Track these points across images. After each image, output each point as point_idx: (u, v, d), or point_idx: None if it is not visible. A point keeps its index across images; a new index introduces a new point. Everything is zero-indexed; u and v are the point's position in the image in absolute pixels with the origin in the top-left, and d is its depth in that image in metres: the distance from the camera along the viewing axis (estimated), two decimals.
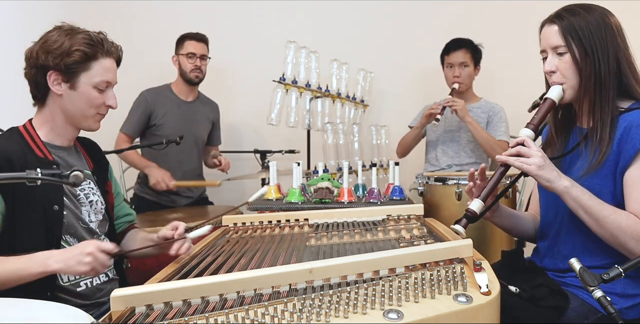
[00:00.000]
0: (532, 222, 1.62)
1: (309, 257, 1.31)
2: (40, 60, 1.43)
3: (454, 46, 2.88)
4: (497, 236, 2.32)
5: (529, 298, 1.30)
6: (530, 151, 1.33)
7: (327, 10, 3.52)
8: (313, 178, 2.35)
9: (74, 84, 1.46)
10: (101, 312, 1.48)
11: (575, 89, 1.39)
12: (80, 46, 1.43)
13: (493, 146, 2.72)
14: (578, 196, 1.30)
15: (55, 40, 1.43)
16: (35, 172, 1.09)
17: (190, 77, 2.92)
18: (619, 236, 1.27)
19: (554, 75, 1.40)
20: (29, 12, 2.95)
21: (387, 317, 0.89)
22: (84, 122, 1.52)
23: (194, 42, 2.93)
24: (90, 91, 1.47)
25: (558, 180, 1.31)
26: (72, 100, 1.47)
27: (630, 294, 1.35)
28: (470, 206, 1.38)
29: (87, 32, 1.47)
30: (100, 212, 1.59)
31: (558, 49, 1.38)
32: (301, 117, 2.83)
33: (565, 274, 1.43)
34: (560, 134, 1.52)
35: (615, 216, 1.28)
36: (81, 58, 1.44)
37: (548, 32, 1.41)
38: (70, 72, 1.44)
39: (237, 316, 0.91)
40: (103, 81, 1.48)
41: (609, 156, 1.34)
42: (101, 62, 1.47)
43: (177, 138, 2.58)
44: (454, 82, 2.85)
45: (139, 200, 2.95)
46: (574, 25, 1.36)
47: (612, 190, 1.34)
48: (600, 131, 1.35)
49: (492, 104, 2.91)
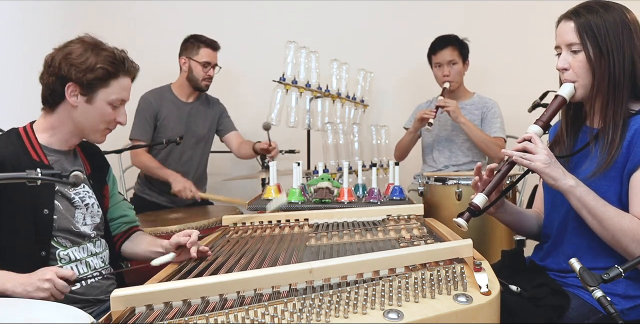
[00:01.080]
0: (536, 219, 1.61)
1: (309, 257, 1.31)
2: (63, 72, 1.45)
3: (439, 45, 2.85)
4: (497, 236, 2.32)
5: (530, 297, 1.30)
6: (536, 148, 1.32)
7: (327, 10, 3.52)
8: (313, 178, 2.35)
9: (91, 98, 1.49)
10: (101, 310, 1.48)
11: (587, 88, 1.37)
12: (104, 64, 1.46)
13: (489, 144, 2.70)
14: (582, 196, 1.29)
15: (80, 55, 1.46)
16: (35, 173, 1.09)
17: (200, 86, 2.91)
18: (620, 238, 1.26)
19: (566, 72, 1.38)
20: (29, 12, 2.95)
21: (387, 317, 0.89)
22: (91, 135, 1.56)
23: (210, 51, 2.89)
24: (105, 107, 1.51)
25: (563, 179, 1.30)
26: (85, 113, 1.50)
27: (632, 296, 1.34)
28: (473, 200, 1.37)
29: (111, 50, 1.50)
30: (97, 215, 1.59)
31: (572, 46, 1.36)
32: (301, 117, 2.82)
33: (567, 274, 1.42)
34: (569, 132, 1.50)
35: (618, 218, 1.27)
36: (103, 75, 1.47)
37: (564, 28, 1.38)
38: (90, 87, 1.47)
39: (237, 316, 0.91)
40: (119, 99, 1.52)
41: (617, 158, 1.32)
42: (120, 81, 1.51)
43: (177, 138, 2.58)
44: (444, 82, 2.83)
45: (139, 200, 2.95)
46: (590, 23, 1.33)
47: (619, 192, 1.33)
48: (612, 133, 1.33)
49: (485, 99, 2.88)
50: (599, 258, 1.36)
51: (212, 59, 2.90)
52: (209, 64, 2.89)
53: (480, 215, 1.39)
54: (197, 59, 2.87)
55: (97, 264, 1.56)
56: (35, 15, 2.98)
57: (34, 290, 1.25)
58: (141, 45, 3.27)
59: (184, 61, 2.91)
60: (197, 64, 2.87)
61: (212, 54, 2.90)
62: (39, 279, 1.26)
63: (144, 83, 2.99)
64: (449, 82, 2.82)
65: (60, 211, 1.48)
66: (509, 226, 1.62)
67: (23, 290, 1.25)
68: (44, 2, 3.04)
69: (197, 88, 2.92)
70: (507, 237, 2.33)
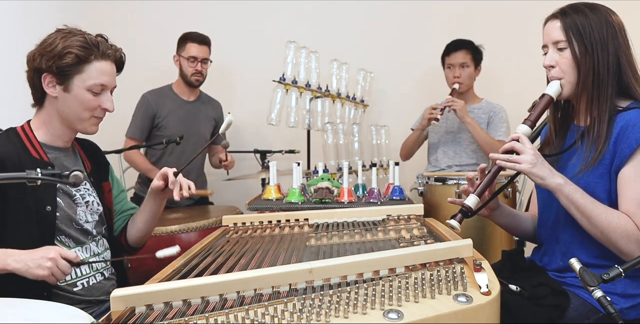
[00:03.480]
0: (532, 221, 1.62)
1: (309, 257, 1.31)
2: (36, 63, 1.43)
3: (454, 47, 2.89)
4: (497, 236, 2.32)
5: (530, 297, 1.30)
6: (523, 148, 1.34)
7: (327, 10, 3.52)
8: (313, 178, 2.35)
9: (68, 86, 1.45)
10: (101, 310, 1.49)
11: (573, 84, 1.40)
12: (73, 49, 1.42)
13: (492, 146, 2.72)
14: (570, 194, 1.31)
15: (51, 43, 1.42)
16: (35, 172, 1.09)
17: (190, 81, 2.92)
18: (609, 235, 1.28)
19: (553, 70, 1.42)
20: (29, 12, 2.95)
21: (387, 317, 0.89)
22: (79, 124, 1.51)
23: (195, 45, 2.89)
24: (84, 94, 1.46)
25: (551, 177, 1.32)
26: (66, 102, 1.47)
27: (631, 294, 1.35)
28: (465, 202, 1.38)
29: (83, 35, 1.45)
30: (97, 213, 1.59)
31: (559, 44, 1.40)
32: (301, 117, 2.83)
33: (564, 273, 1.43)
34: (558, 132, 1.52)
35: (606, 215, 1.29)
36: (73, 61, 1.42)
37: (550, 27, 1.42)
38: (63, 74, 1.43)
39: (237, 316, 0.90)
40: (97, 84, 1.46)
41: (605, 155, 1.34)
42: (95, 65, 1.45)
43: (177, 138, 2.58)
44: (454, 83, 2.86)
45: (139, 200, 2.93)
46: (576, 22, 1.37)
47: (608, 189, 1.35)
48: (597, 129, 1.36)
49: (492, 105, 2.91)
50: (593, 254, 1.38)
51: (198, 53, 2.89)
52: (195, 58, 2.88)
53: (472, 216, 1.40)
54: (183, 54, 2.90)
55: (99, 264, 1.57)
56: (35, 15, 2.98)
57: (35, 267, 1.24)
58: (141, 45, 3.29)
59: (176, 59, 2.94)
60: (184, 59, 2.89)
61: (198, 48, 2.89)
62: (42, 256, 1.25)
63: (145, 84, 3.02)
64: (458, 84, 2.84)
65: (63, 208, 1.48)
66: (505, 228, 1.64)
67: (24, 266, 1.24)
68: (44, 2, 3.04)
69: (189, 83, 2.94)
70: (507, 237, 2.33)
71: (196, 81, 2.93)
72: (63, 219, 1.47)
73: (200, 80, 2.95)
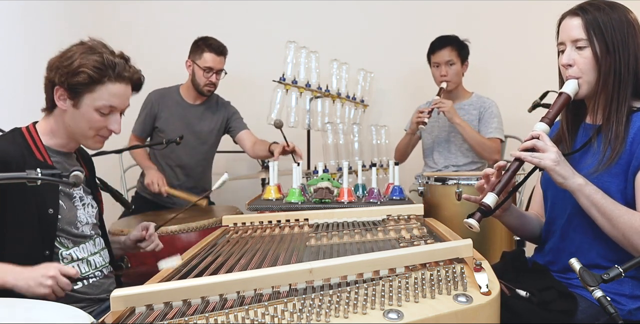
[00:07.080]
0: (538, 222, 1.60)
1: (309, 257, 1.31)
2: (52, 74, 1.44)
3: (438, 45, 2.84)
4: (497, 236, 2.32)
5: (539, 302, 1.28)
6: (546, 146, 1.31)
7: (327, 10, 3.52)
8: (313, 178, 2.35)
9: (77, 103, 1.45)
10: (101, 309, 1.49)
11: (592, 84, 1.37)
12: (88, 68, 1.40)
13: (484, 146, 2.70)
14: (591, 195, 1.28)
15: (69, 57, 1.42)
16: (35, 173, 1.09)
17: (202, 90, 2.85)
18: (631, 237, 1.25)
19: (571, 69, 1.38)
20: (29, 12, 2.95)
21: (387, 317, 0.89)
22: (83, 140, 1.53)
23: (213, 56, 2.78)
24: (92, 113, 1.45)
25: (572, 177, 1.29)
26: (74, 118, 1.47)
27: (638, 295, 1.33)
28: (484, 200, 1.33)
29: (102, 54, 1.43)
30: (93, 215, 1.60)
31: (578, 42, 1.35)
32: (301, 117, 2.83)
33: (572, 274, 1.41)
34: (570, 130, 1.49)
35: (628, 216, 1.26)
36: (85, 80, 1.41)
37: (569, 24, 1.37)
38: (75, 91, 1.43)
39: (237, 316, 0.90)
40: (106, 106, 1.46)
41: (621, 155, 1.32)
42: (107, 87, 1.44)
43: (177, 138, 2.57)
44: (441, 81, 2.82)
45: (140, 200, 2.95)
46: (597, 20, 1.33)
47: (622, 189, 1.32)
48: (615, 129, 1.33)
49: (483, 99, 2.88)
50: (604, 255, 1.36)
51: (215, 64, 2.79)
52: (211, 69, 2.80)
53: (490, 215, 1.36)
54: (199, 63, 2.80)
55: (99, 263, 1.57)
56: (36, 15, 2.98)
57: (36, 285, 1.25)
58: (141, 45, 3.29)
59: (189, 64, 2.86)
60: (199, 68, 2.80)
61: (215, 60, 2.79)
62: (42, 275, 1.25)
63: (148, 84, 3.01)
64: (446, 82, 2.81)
65: (64, 210, 1.48)
66: (512, 228, 1.60)
67: (25, 284, 1.24)
68: (44, 2, 3.04)
69: (200, 93, 2.88)
70: (507, 237, 2.33)
71: (208, 91, 2.86)
72: (65, 221, 1.47)
73: (212, 90, 2.88)
